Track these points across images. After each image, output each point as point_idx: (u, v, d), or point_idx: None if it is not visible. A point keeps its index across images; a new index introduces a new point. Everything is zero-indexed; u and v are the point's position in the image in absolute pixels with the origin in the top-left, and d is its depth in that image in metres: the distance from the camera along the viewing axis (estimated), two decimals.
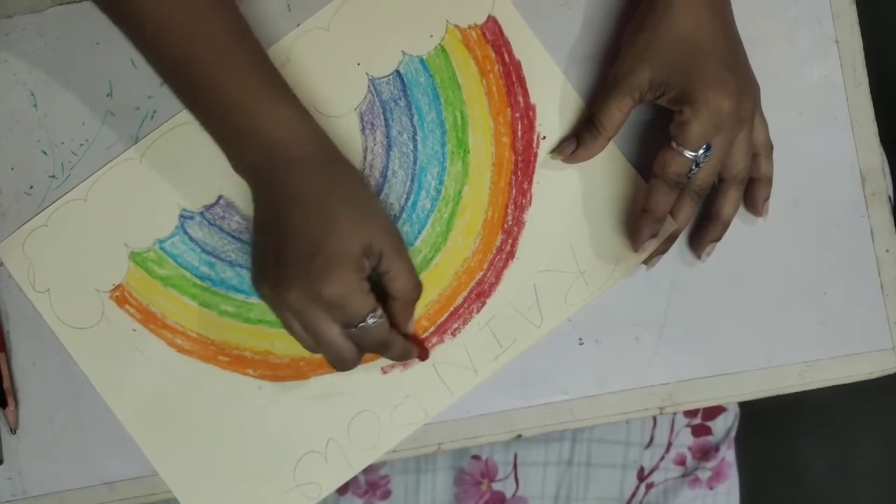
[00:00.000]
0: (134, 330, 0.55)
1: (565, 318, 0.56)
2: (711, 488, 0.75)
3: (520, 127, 0.56)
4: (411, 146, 0.56)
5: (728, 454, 0.76)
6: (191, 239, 0.55)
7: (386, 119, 0.56)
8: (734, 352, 0.57)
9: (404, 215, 0.56)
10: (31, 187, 0.56)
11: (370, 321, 0.48)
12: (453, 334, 0.56)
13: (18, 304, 0.56)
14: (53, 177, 0.56)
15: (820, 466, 1.19)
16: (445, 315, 0.56)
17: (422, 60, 0.56)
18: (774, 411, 1.11)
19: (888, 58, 0.92)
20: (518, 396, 0.56)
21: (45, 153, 0.56)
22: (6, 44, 0.56)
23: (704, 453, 0.75)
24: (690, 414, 0.73)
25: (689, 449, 0.75)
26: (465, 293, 0.56)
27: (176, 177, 0.55)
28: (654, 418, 0.72)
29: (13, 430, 0.55)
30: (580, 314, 0.56)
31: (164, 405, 0.55)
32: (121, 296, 0.55)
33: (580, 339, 0.56)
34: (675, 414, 0.72)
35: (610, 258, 0.56)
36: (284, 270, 0.48)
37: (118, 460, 0.56)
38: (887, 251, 0.57)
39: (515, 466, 0.71)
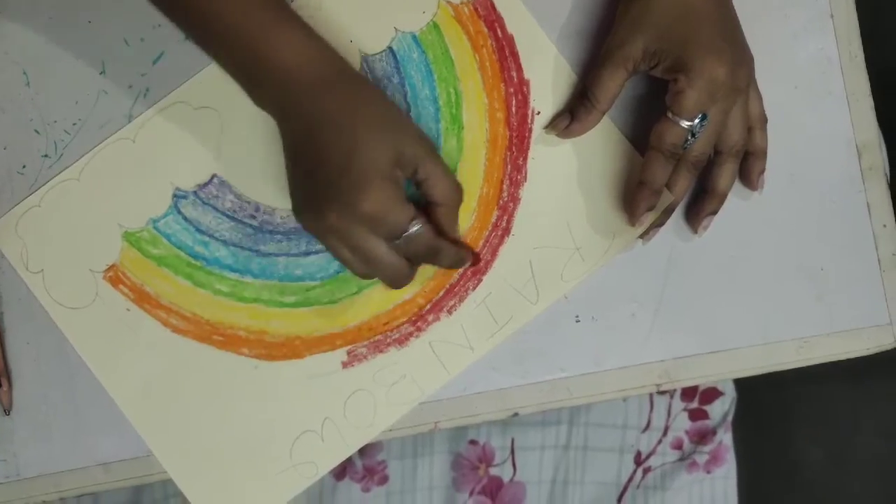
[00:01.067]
0: (128, 310, 0.55)
1: (561, 294, 0.56)
2: (709, 472, 0.75)
3: (514, 102, 0.56)
4: None
5: (725, 438, 0.75)
6: (184, 218, 0.55)
7: None
8: (731, 328, 0.57)
9: None
10: (24, 167, 0.56)
11: (413, 229, 0.48)
12: (449, 312, 0.55)
13: (12, 284, 0.55)
14: (46, 156, 0.56)
15: (815, 453, 1.19)
16: (442, 292, 0.55)
17: (414, 37, 0.56)
18: (770, 396, 1.11)
19: (883, 33, 0.92)
20: (515, 374, 0.56)
21: (37, 132, 0.56)
22: None
23: (702, 437, 0.75)
24: (687, 398, 0.73)
25: (687, 433, 0.75)
26: (461, 270, 0.55)
27: (169, 156, 0.55)
28: (651, 402, 0.72)
29: (7, 411, 0.55)
30: (577, 291, 0.56)
31: (159, 386, 0.55)
32: (115, 276, 0.55)
33: (577, 316, 0.56)
34: (671, 398, 0.72)
35: (606, 233, 0.55)
36: (319, 194, 0.48)
37: (113, 441, 0.55)
38: (884, 226, 0.57)
39: (513, 451, 0.71)
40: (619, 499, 0.74)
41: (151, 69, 0.55)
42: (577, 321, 0.56)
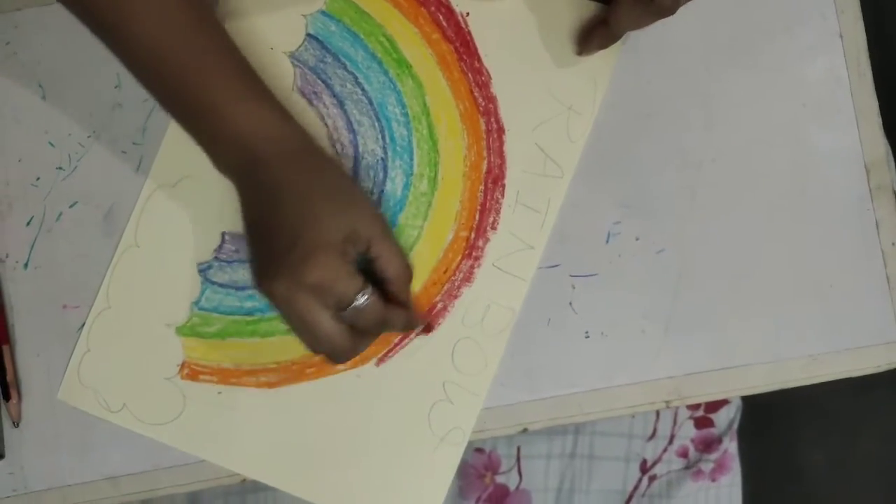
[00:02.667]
0: (219, 393, 0.55)
1: (579, 155, 0.56)
2: (714, 480, 0.75)
3: (441, 17, 0.56)
4: (359, 91, 0.56)
5: (731, 446, 0.76)
6: (220, 286, 0.55)
7: (324, 81, 0.56)
8: (740, 345, 0.57)
9: (390, 152, 0.56)
10: (38, 178, 0.56)
11: (360, 300, 0.48)
12: (494, 227, 0.56)
13: (22, 295, 0.56)
14: (60, 168, 0.56)
15: (818, 460, 1.20)
16: (477, 215, 0.56)
17: (322, 12, 0.56)
18: (775, 405, 1.12)
19: (891, 51, 0.92)
20: (524, 389, 0.56)
21: (52, 144, 0.56)
22: (15, 36, 0.56)
23: (707, 445, 0.75)
24: (693, 406, 0.73)
25: (692, 441, 0.75)
26: (481, 187, 0.56)
27: (175, 240, 0.55)
28: (657, 410, 0.72)
29: (16, 424, 0.55)
30: (586, 308, 0.56)
31: (281, 441, 0.55)
32: (190, 371, 0.55)
33: (586, 332, 0.56)
34: (677, 406, 0.72)
35: (587, 81, 0.56)
36: (272, 262, 0.48)
37: (121, 455, 0.55)
38: (893, 244, 0.57)
39: (519, 459, 0.71)
40: None
41: None
42: (587, 337, 0.56)
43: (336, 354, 0.49)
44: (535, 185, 0.56)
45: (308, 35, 0.56)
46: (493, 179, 0.56)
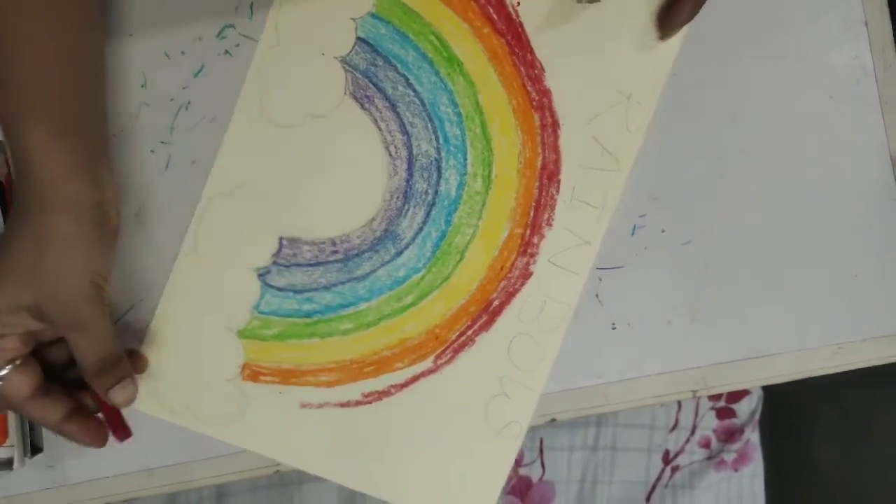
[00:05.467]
0: (280, 393, 0.56)
1: (638, 147, 0.55)
2: (736, 470, 0.76)
3: (491, 10, 0.55)
4: (411, 92, 0.56)
5: (753, 436, 0.76)
6: (279, 290, 0.56)
7: (375, 84, 0.56)
8: (766, 335, 0.57)
9: (443, 153, 0.56)
10: None
11: None
12: (549, 224, 0.56)
13: None
14: None
15: (835, 451, 1.20)
16: (532, 212, 0.56)
17: (372, 15, 0.55)
18: (793, 396, 1.11)
19: None
20: (552, 380, 0.56)
21: None
22: None
23: (729, 436, 0.75)
24: (715, 397, 0.74)
25: (714, 431, 0.75)
26: (536, 183, 0.56)
27: (234, 247, 0.56)
28: (679, 402, 0.72)
29: None
30: (613, 299, 0.56)
31: (341, 437, 0.56)
32: (251, 372, 0.56)
33: (613, 323, 0.57)
34: (703, 396, 0.72)
35: (648, 68, 0.55)
36: None
37: (156, 447, 0.56)
38: None
39: (541, 451, 0.72)
40: (648, 498, 0.75)
41: (192, 82, 0.56)
42: (614, 328, 0.57)
43: None
44: (592, 179, 0.56)
45: (358, 38, 0.56)
46: (549, 175, 0.56)
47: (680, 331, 0.57)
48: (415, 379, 0.56)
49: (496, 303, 0.56)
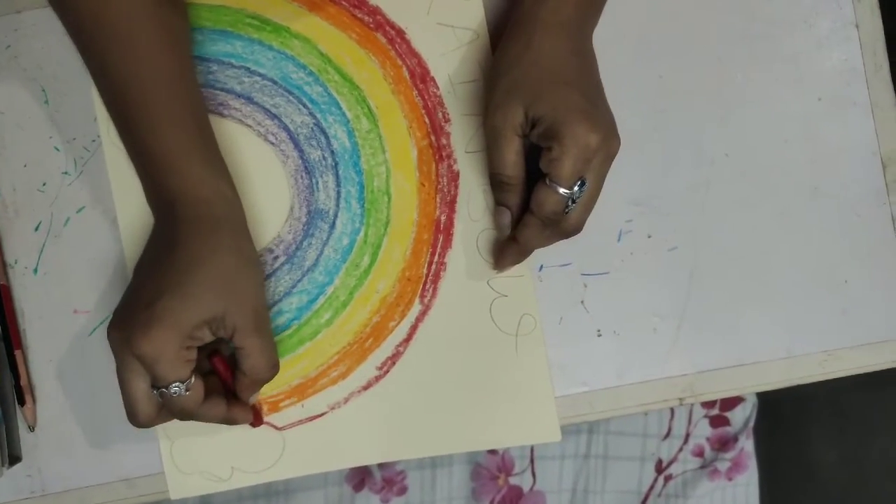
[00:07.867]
0: (303, 406, 0.56)
1: (481, 6, 0.56)
2: (730, 479, 0.75)
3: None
4: (258, 78, 0.56)
5: (747, 445, 0.75)
6: None
7: (222, 89, 0.56)
8: (754, 342, 0.56)
9: (318, 114, 0.56)
10: (44, 184, 0.56)
11: (172, 390, 0.48)
12: (446, 119, 0.56)
13: (33, 301, 0.56)
14: (66, 173, 0.56)
15: (831, 457, 1.19)
16: (426, 120, 0.56)
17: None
18: (789, 403, 1.11)
19: None
20: None
21: (57, 149, 0.56)
22: (15, 39, 0.56)
23: (723, 444, 0.74)
24: (708, 405, 0.73)
25: (708, 440, 0.74)
26: (413, 91, 0.56)
27: None
28: (672, 409, 0.72)
29: (31, 428, 0.55)
30: (598, 306, 0.56)
31: (381, 417, 0.56)
32: (269, 406, 0.56)
33: (598, 330, 0.56)
34: (692, 405, 0.71)
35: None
36: (125, 309, 0.49)
37: (136, 456, 0.56)
38: None
39: (532, 460, 0.71)
40: None
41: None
42: (599, 336, 0.56)
43: (133, 418, 0.49)
44: (461, 59, 0.56)
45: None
46: (421, 79, 0.56)
47: (666, 338, 0.56)
48: (413, 328, 0.56)
49: (443, 217, 0.56)
